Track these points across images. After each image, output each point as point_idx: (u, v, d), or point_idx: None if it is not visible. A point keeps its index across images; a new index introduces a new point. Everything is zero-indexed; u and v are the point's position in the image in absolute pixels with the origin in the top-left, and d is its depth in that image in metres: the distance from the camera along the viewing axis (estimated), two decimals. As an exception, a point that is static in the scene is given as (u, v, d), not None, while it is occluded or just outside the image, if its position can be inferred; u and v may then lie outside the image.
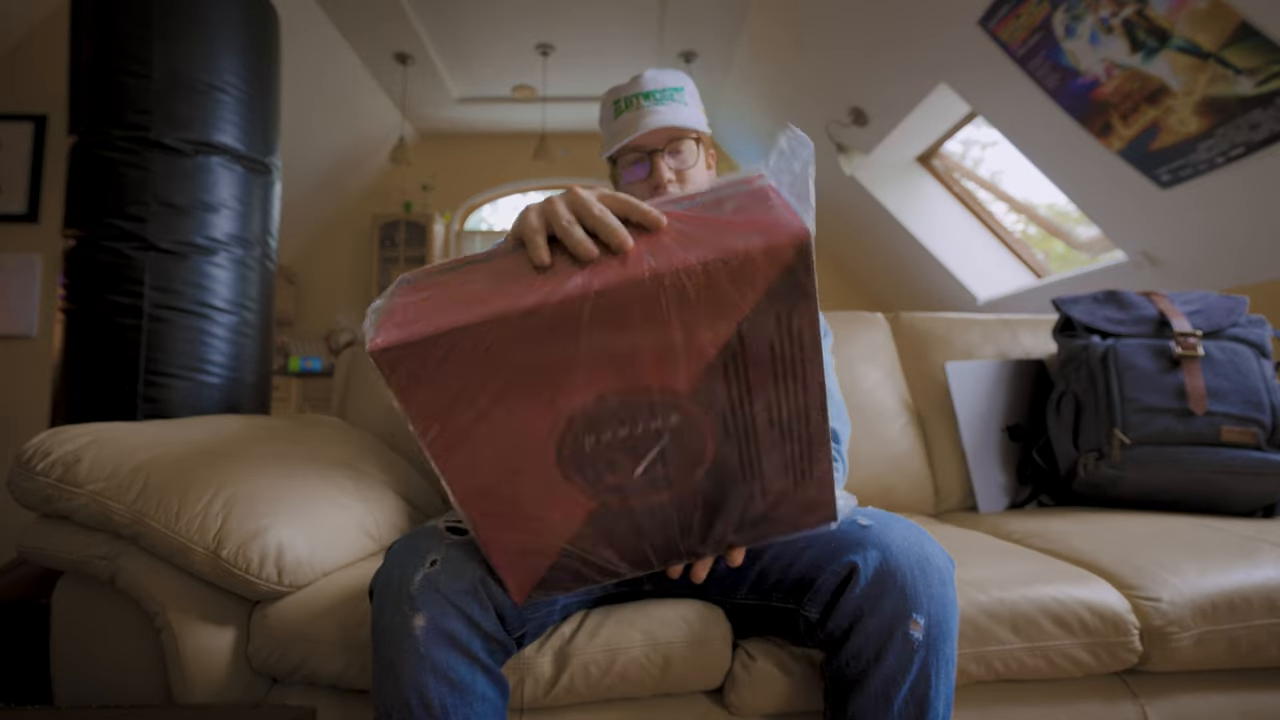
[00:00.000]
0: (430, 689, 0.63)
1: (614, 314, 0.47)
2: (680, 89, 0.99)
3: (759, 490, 0.59)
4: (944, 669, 0.68)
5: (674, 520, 0.60)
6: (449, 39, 3.72)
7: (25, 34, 2.94)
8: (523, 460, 0.54)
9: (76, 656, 0.85)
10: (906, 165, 3.68)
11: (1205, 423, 1.17)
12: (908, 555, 0.70)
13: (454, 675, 0.64)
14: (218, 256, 1.33)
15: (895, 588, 0.68)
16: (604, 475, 0.55)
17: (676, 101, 0.98)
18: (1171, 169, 2.19)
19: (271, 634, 0.83)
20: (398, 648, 0.64)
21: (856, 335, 1.53)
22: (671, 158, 0.97)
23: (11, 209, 2.83)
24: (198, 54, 1.32)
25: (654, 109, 0.96)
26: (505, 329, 0.47)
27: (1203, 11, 1.82)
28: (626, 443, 0.54)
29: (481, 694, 0.65)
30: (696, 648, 0.80)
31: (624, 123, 0.97)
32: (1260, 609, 0.86)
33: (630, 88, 0.99)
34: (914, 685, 0.67)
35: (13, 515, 0.93)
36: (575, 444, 0.53)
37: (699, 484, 0.57)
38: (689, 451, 0.55)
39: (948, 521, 1.34)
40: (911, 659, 0.67)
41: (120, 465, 0.80)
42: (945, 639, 0.68)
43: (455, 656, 0.64)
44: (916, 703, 0.67)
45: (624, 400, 0.52)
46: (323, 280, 4.89)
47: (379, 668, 0.65)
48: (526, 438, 0.53)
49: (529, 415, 0.52)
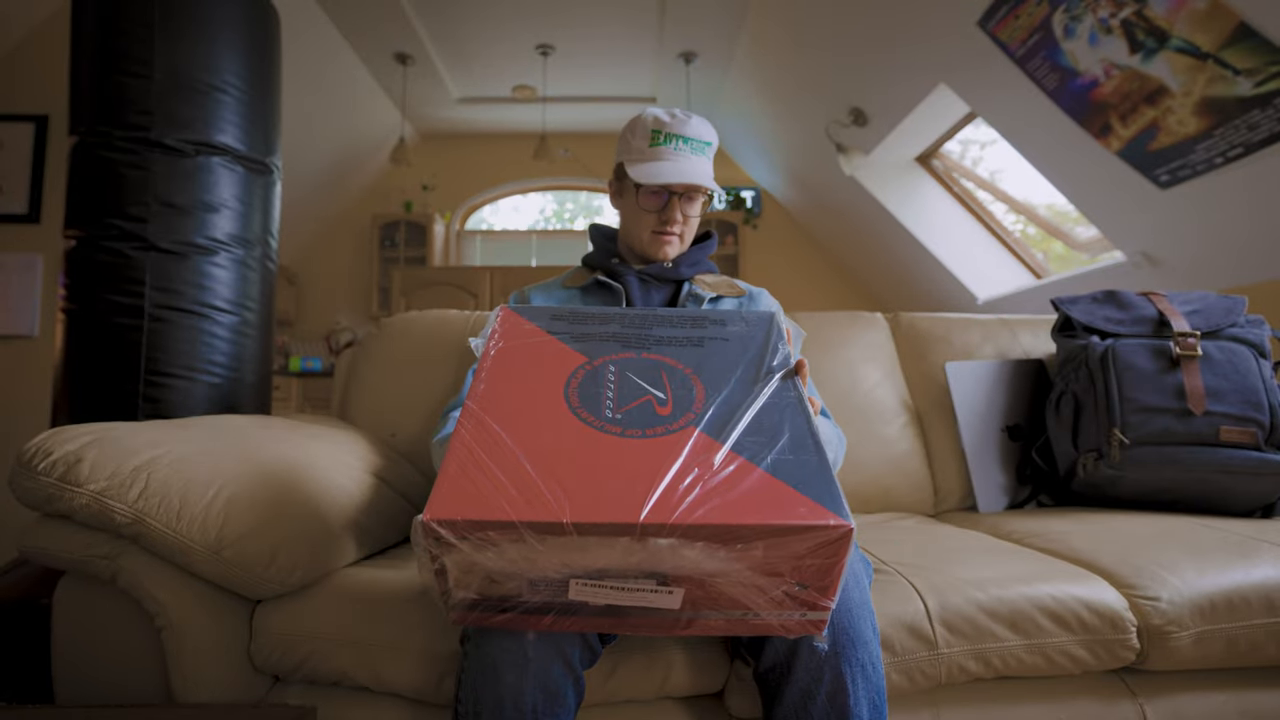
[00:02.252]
0: (527, 695, 0.64)
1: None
2: (712, 144, 1.09)
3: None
4: (860, 674, 0.68)
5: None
6: (449, 39, 3.72)
7: (26, 34, 2.94)
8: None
9: (78, 656, 0.85)
10: (906, 165, 3.68)
11: (1204, 423, 1.18)
12: None
13: (551, 684, 0.65)
14: (218, 256, 1.33)
15: None
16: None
17: (706, 156, 1.08)
18: (1170, 169, 2.19)
19: (273, 633, 0.83)
20: (504, 649, 0.64)
21: (856, 335, 1.53)
22: (687, 204, 1.08)
23: (12, 209, 2.83)
24: (198, 54, 1.32)
25: (691, 157, 1.05)
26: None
27: (1202, 12, 1.82)
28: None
29: (567, 704, 0.66)
30: (696, 653, 0.80)
31: (662, 154, 1.05)
32: (1259, 608, 0.86)
33: (674, 126, 1.06)
34: (830, 695, 0.67)
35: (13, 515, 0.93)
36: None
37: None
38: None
39: (947, 521, 1.34)
40: (821, 670, 0.67)
41: (121, 465, 0.80)
42: (856, 645, 0.68)
43: (558, 666, 0.65)
44: (837, 711, 0.66)
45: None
46: (323, 280, 4.89)
47: (474, 665, 0.66)
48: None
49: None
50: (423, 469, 1.25)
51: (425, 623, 0.80)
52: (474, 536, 0.52)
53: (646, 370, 0.65)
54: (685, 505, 0.52)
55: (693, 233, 1.13)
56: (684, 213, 1.08)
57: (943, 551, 1.00)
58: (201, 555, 0.79)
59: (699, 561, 0.52)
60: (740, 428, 0.59)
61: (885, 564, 0.94)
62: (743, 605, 0.57)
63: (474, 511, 0.51)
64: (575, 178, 5.08)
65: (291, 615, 0.84)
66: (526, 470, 0.54)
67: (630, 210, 1.11)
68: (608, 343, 0.69)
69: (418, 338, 1.42)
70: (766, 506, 0.52)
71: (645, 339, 0.70)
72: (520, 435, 0.58)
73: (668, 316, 0.74)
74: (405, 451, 1.28)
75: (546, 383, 0.63)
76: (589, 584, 0.55)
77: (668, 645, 0.80)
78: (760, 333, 0.72)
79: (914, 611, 0.82)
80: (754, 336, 0.71)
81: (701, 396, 0.62)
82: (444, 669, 0.77)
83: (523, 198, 5.38)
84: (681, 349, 0.68)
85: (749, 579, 0.54)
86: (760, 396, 0.62)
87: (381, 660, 0.80)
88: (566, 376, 0.64)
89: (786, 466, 0.55)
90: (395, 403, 1.35)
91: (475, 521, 0.51)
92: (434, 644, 0.78)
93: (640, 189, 1.07)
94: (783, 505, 0.52)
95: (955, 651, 0.81)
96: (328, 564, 0.89)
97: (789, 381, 0.65)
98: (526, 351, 0.68)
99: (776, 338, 0.71)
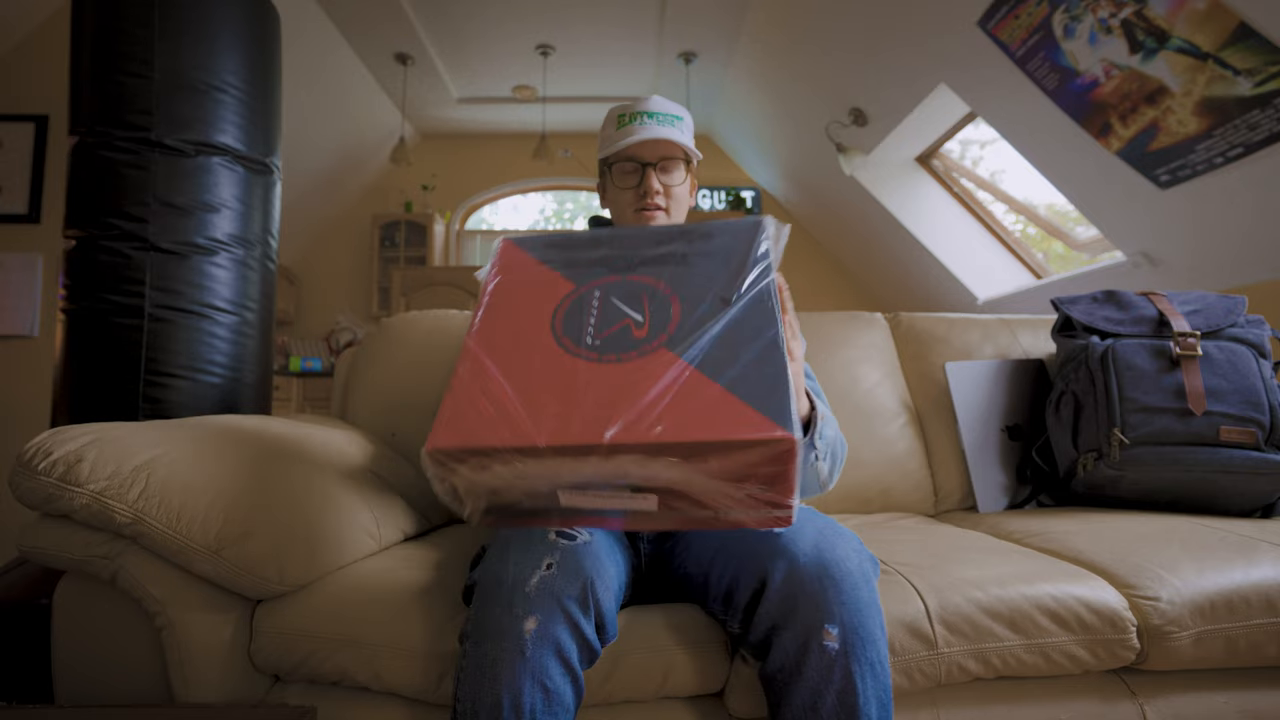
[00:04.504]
0: (525, 693, 0.63)
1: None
2: (680, 119, 1.07)
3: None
4: (869, 674, 0.67)
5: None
6: (449, 39, 3.72)
7: (26, 34, 2.95)
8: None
9: (78, 656, 0.85)
10: (906, 165, 3.68)
11: (1204, 423, 1.18)
12: (817, 563, 0.70)
13: (549, 682, 0.64)
14: (218, 256, 1.34)
15: (805, 599, 0.68)
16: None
17: (675, 127, 1.06)
18: (1170, 169, 2.19)
19: (273, 633, 0.83)
20: (501, 647, 0.64)
21: (856, 335, 1.53)
22: (662, 174, 1.06)
23: (13, 209, 2.83)
24: (198, 54, 1.32)
25: (655, 126, 1.04)
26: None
27: (1201, 12, 1.82)
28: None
29: (566, 704, 0.66)
30: (696, 653, 0.80)
31: (629, 131, 1.05)
32: (1259, 608, 0.86)
33: (638, 105, 1.07)
34: (840, 694, 0.66)
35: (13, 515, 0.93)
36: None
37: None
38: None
39: (947, 521, 1.34)
40: (831, 669, 0.67)
41: (121, 465, 0.80)
42: (865, 644, 0.68)
43: (555, 664, 0.65)
44: (846, 712, 0.66)
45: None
46: (323, 280, 4.89)
47: (472, 664, 0.66)
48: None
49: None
50: (422, 469, 1.25)
51: (425, 622, 0.80)
52: (470, 461, 0.59)
53: (630, 293, 0.69)
54: (645, 423, 0.57)
55: (681, 209, 1.09)
56: (662, 183, 1.05)
57: (943, 551, 1.00)
58: (201, 555, 0.79)
59: (662, 472, 0.58)
60: (703, 344, 0.62)
61: (885, 564, 0.94)
62: (712, 506, 0.61)
63: (466, 440, 0.59)
64: (575, 178, 5.08)
65: (291, 615, 0.84)
66: (511, 399, 0.62)
67: (613, 196, 1.10)
68: (595, 268, 0.72)
69: (418, 338, 1.42)
70: (717, 422, 0.56)
71: (632, 260, 0.72)
72: (508, 366, 0.64)
73: (655, 234, 0.75)
74: (405, 451, 1.28)
75: (536, 314, 0.69)
76: (574, 493, 0.62)
77: (668, 645, 0.80)
78: (743, 243, 0.71)
79: (914, 611, 0.82)
80: (736, 248, 0.71)
81: (677, 316, 0.65)
82: (443, 669, 0.77)
83: (523, 198, 5.38)
84: (665, 268, 0.70)
85: (712, 486, 0.59)
86: (731, 310, 0.65)
87: (381, 660, 0.80)
88: (554, 306, 0.69)
89: (746, 382, 0.59)
90: (395, 402, 1.35)
91: (467, 449, 0.59)
92: (434, 644, 0.78)
93: (614, 169, 1.07)
94: (732, 420, 0.56)
95: (955, 651, 0.81)
96: (328, 564, 0.89)
97: (763, 291, 0.66)
98: (521, 284, 0.73)
99: (759, 246, 0.70)
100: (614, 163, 1.07)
